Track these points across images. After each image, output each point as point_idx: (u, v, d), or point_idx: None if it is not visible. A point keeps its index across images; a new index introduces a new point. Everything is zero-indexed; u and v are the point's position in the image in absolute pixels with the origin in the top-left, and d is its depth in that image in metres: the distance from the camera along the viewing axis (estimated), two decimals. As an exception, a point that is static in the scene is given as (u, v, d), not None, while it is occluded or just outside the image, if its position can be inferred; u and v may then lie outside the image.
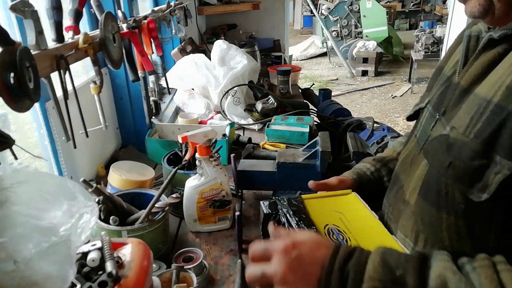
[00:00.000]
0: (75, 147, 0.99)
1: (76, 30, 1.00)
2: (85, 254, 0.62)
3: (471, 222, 0.62)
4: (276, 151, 1.37)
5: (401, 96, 5.95)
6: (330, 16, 7.92)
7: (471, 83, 0.69)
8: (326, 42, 8.09)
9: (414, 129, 0.90)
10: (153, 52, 1.59)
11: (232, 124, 1.60)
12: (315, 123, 1.89)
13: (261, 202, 0.93)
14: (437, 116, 0.77)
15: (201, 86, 1.96)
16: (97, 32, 1.08)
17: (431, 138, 0.75)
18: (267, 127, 1.68)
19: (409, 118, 0.94)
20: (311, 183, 0.97)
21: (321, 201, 0.90)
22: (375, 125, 1.89)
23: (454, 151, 0.64)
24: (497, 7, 0.65)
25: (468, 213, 0.62)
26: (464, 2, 0.70)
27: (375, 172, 1.03)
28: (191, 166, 1.20)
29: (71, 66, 0.94)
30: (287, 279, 0.59)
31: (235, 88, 1.86)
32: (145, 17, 1.55)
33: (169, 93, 2.18)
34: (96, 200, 0.91)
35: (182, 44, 2.26)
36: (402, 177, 0.84)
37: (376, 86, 6.49)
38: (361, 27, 7.79)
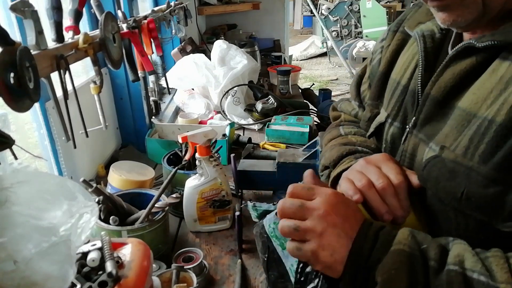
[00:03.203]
0: (75, 147, 0.99)
1: (76, 30, 1.00)
2: (85, 254, 0.62)
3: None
4: (276, 151, 1.38)
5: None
6: (330, 16, 7.92)
7: (447, 94, 0.64)
8: (326, 42, 8.09)
9: (377, 148, 0.84)
10: (153, 52, 1.59)
11: (232, 124, 1.60)
12: (315, 123, 1.89)
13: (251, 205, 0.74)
14: (407, 129, 0.72)
15: (201, 86, 1.96)
16: (97, 32, 1.08)
17: (416, 159, 0.69)
18: (267, 127, 1.68)
19: (370, 136, 0.86)
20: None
21: None
22: (375, 125, 1.88)
23: (460, 178, 0.58)
24: (487, 16, 0.58)
25: (488, 243, 0.55)
26: (444, 10, 0.61)
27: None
28: (191, 166, 1.20)
29: (71, 66, 0.94)
30: (328, 219, 0.56)
31: (235, 88, 1.86)
32: (145, 17, 1.55)
33: (169, 93, 2.18)
34: (96, 200, 0.91)
35: (182, 44, 2.26)
36: None
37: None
38: (361, 27, 7.79)
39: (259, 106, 1.84)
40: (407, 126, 0.72)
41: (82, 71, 1.47)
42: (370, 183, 0.65)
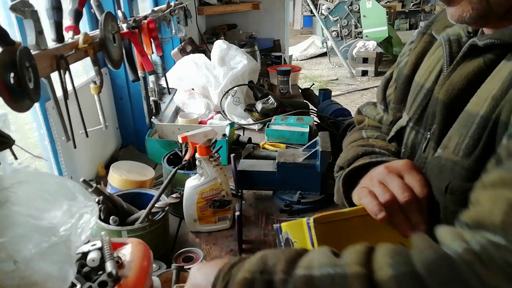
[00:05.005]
0: (75, 147, 0.99)
1: (76, 30, 1.00)
2: (85, 254, 0.62)
3: None
4: (276, 151, 1.37)
5: (401, 96, 5.96)
6: (330, 16, 7.92)
7: (454, 97, 0.62)
8: (326, 42, 8.09)
9: (398, 153, 0.80)
10: (153, 52, 1.59)
11: (232, 124, 1.60)
12: (315, 123, 1.89)
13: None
14: (428, 136, 0.70)
15: (201, 86, 1.96)
16: (97, 32, 1.08)
17: (428, 161, 0.68)
18: (267, 127, 1.68)
19: (390, 141, 0.83)
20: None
21: (333, 227, 0.64)
22: (375, 125, 1.88)
23: (446, 173, 0.58)
24: (494, 12, 0.56)
25: None
26: (449, 4, 0.60)
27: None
28: (191, 166, 1.20)
29: (71, 66, 0.94)
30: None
31: (235, 88, 1.86)
32: (145, 17, 1.55)
33: (169, 93, 2.18)
34: (96, 200, 0.91)
35: (182, 44, 2.26)
36: None
37: (376, 86, 6.49)
38: (361, 27, 7.79)
39: (259, 106, 1.84)
40: (429, 133, 0.70)
41: (82, 71, 1.47)
42: (393, 198, 0.62)
